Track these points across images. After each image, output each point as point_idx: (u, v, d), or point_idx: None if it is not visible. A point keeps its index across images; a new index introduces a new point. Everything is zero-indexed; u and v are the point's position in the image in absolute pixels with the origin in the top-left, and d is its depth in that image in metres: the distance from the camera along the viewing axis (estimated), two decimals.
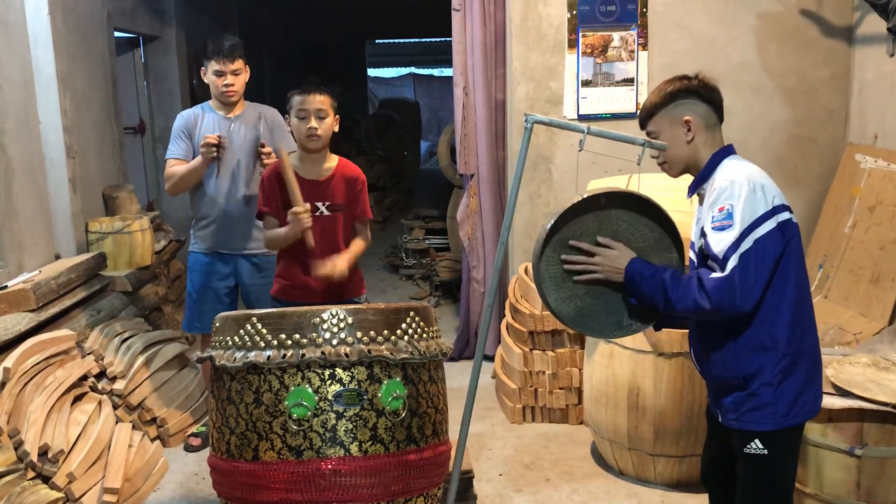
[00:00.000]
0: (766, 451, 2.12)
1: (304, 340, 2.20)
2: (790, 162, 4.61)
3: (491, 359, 4.68)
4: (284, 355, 2.18)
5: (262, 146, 3.55)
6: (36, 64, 4.37)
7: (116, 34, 5.84)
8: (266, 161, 3.49)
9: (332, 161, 3.09)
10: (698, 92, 2.23)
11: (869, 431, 2.42)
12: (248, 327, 2.26)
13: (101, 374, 3.82)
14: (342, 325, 2.23)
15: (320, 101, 2.95)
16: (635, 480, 3.42)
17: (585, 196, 2.25)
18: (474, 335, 4.98)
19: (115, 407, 3.71)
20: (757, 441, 2.13)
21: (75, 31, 4.81)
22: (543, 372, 3.97)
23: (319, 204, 3.00)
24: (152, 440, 3.75)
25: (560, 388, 3.98)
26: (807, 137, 4.60)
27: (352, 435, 2.18)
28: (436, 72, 20.38)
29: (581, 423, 3.97)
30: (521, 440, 3.86)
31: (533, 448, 3.77)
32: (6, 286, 3.74)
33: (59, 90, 4.44)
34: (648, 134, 2.30)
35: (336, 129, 3.04)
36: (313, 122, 2.94)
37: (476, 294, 4.88)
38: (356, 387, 2.19)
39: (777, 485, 2.17)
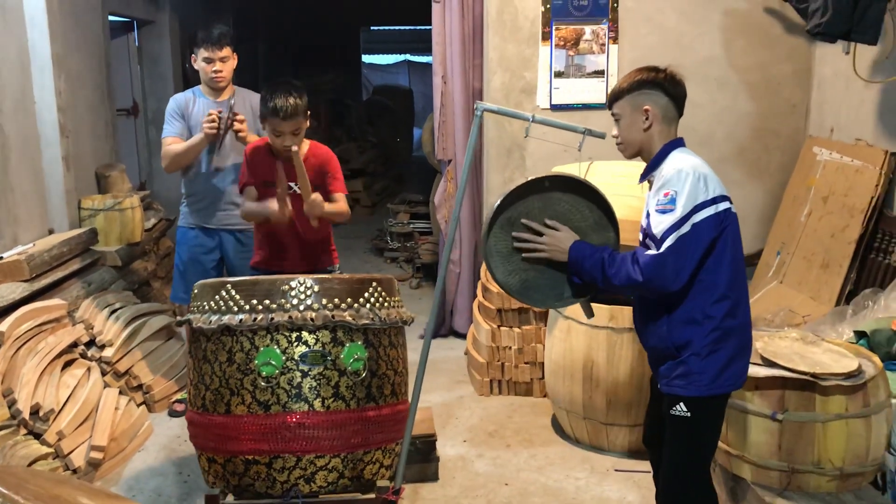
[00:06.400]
0: (688, 414, 2.34)
1: (274, 306, 2.41)
2: (753, 153, 4.82)
3: (464, 336, 4.90)
4: (255, 318, 2.39)
5: (236, 115, 3.66)
6: (32, 46, 4.54)
7: (111, 18, 6.01)
8: (237, 128, 3.63)
9: (304, 146, 3.29)
10: (663, 85, 2.40)
11: (790, 398, 2.64)
12: (224, 293, 2.47)
13: (91, 343, 4.03)
14: (309, 292, 2.45)
15: (294, 123, 3.12)
16: (590, 448, 3.64)
17: (530, 179, 2.47)
18: (450, 314, 5.19)
19: (103, 373, 3.92)
20: (682, 404, 2.35)
21: (70, 15, 4.98)
22: (510, 347, 4.19)
23: (292, 184, 3.21)
24: (138, 405, 3.96)
25: (525, 363, 4.20)
26: (770, 130, 4.81)
27: (315, 392, 2.40)
28: (431, 59, 20.42)
29: (545, 396, 4.19)
30: (486, 410, 4.09)
31: (497, 418, 4.00)
32: (2, 257, 3.94)
33: (54, 71, 4.62)
34: (613, 115, 2.47)
35: (308, 124, 3.21)
36: (288, 141, 3.14)
37: (451, 275, 5.09)
38: (320, 348, 2.41)
39: (697, 445, 2.40)
